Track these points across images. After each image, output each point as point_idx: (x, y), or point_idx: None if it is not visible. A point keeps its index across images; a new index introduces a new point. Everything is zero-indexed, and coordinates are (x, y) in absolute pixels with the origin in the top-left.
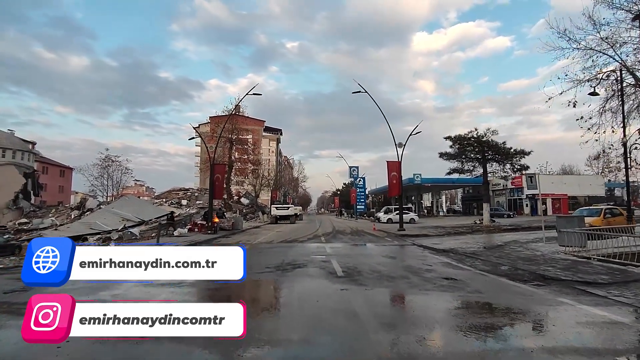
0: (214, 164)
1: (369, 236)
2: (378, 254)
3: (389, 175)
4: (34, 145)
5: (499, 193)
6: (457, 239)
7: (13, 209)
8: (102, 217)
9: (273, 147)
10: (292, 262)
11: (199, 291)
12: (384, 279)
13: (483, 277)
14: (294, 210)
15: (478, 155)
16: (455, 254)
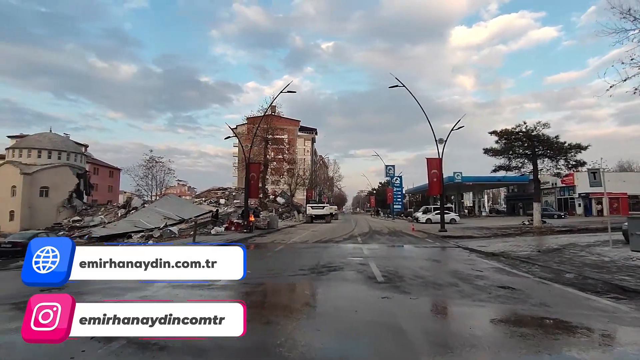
0: (249, 163)
1: (408, 237)
2: (420, 257)
3: (428, 173)
4: (86, 148)
5: (547, 192)
6: (506, 241)
7: (67, 207)
8: (145, 215)
9: (308, 146)
10: (327, 264)
11: (229, 295)
12: (429, 286)
13: (546, 287)
14: (330, 210)
15: (527, 150)
16: (506, 258)
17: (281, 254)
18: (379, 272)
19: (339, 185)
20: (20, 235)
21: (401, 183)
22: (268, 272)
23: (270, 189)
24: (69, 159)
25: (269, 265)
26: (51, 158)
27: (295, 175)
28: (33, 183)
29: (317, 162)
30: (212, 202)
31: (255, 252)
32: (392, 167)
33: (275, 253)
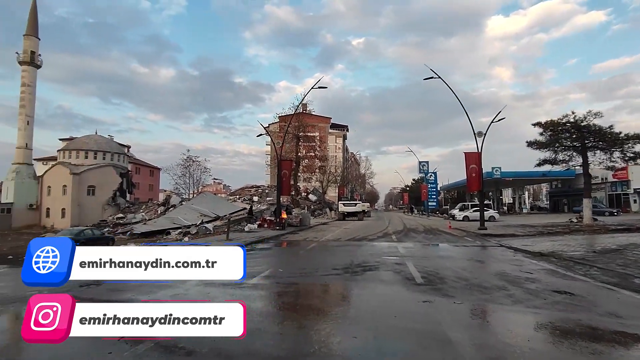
0: (281, 160)
1: (445, 235)
2: (460, 257)
3: (467, 168)
4: (128, 149)
5: (596, 187)
6: (554, 240)
7: (112, 205)
8: (183, 212)
9: (339, 143)
10: (361, 263)
11: (261, 295)
12: (474, 289)
13: (612, 293)
14: (362, 207)
15: (576, 142)
16: (557, 259)
17: (313, 252)
18: (417, 273)
19: (371, 182)
20: (69, 232)
21: (436, 179)
22: (300, 271)
23: (302, 186)
24: (113, 160)
25: (301, 264)
26: (97, 159)
27: (327, 172)
28: (81, 182)
29: (349, 159)
30: (245, 199)
31: (288, 250)
32: (425, 163)
33: (308, 251)
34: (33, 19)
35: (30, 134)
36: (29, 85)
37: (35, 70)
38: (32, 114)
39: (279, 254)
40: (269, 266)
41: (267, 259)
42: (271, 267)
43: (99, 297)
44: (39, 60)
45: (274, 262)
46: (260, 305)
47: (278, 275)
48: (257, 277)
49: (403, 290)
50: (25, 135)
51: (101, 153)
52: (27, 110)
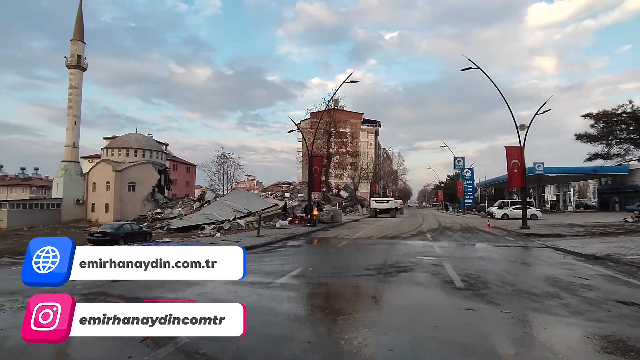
0: (312, 156)
1: (484, 234)
2: (503, 258)
3: (508, 163)
4: (166, 147)
5: None
6: (607, 241)
7: (151, 200)
8: (217, 208)
9: (371, 139)
10: (395, 263)
11: (289, 296)
12: (522, 295)
13: None
14: (394, 204)
15: (633, 135)
16: (615, 263)
17: (345, 250)
18: (457, 276)
19: (404, 179)
20: (110, 226)
21: (472, 175)
22: (331, 271)
23: (334, 182)
24: (152, 157)
25: (332, 263)
26: (137, 156)
27: (359, 168)
28: (122, 179)
29: (381, 155)
30: (277, 195)
31: (318, 247)
32: (461, 158)
33: (339, 249)
34: (79, 25)
35: (77, 133)
36: (76, 87)
37: (82, 73)
38: (78, 115)
39: (309, 252)
40: (299, 264)
41: (297, 257)
42: (301, 265)
43: (129, 294)
44: (84, 63)
45: (304, 261)
46: (288, 307)
47: (308, 274)
48: (287, 276)
49: (442, 295)
50: (72, 135)
51: (141, 151)
52: (74, 111)
